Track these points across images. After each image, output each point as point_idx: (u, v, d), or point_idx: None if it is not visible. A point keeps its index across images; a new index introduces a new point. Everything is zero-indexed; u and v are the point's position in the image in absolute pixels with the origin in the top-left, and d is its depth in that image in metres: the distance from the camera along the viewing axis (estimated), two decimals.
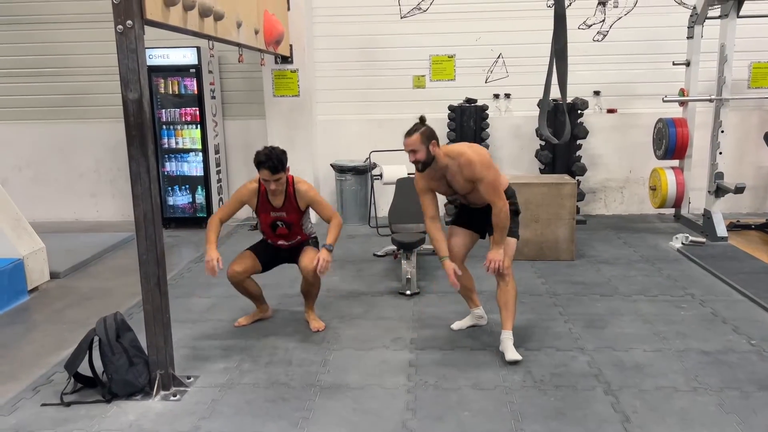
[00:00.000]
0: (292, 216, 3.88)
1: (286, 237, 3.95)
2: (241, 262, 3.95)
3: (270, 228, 3.93)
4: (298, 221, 3.91)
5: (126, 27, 2.88)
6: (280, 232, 3.92)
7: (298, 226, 3.93)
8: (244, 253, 4.02)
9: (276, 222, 3.89)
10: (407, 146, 3.42)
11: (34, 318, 4.44)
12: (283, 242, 3.97)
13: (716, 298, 4.41)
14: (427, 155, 3.39)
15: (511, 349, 3.50)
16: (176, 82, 6.70)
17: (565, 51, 2.74)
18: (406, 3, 6.93)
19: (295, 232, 3.94)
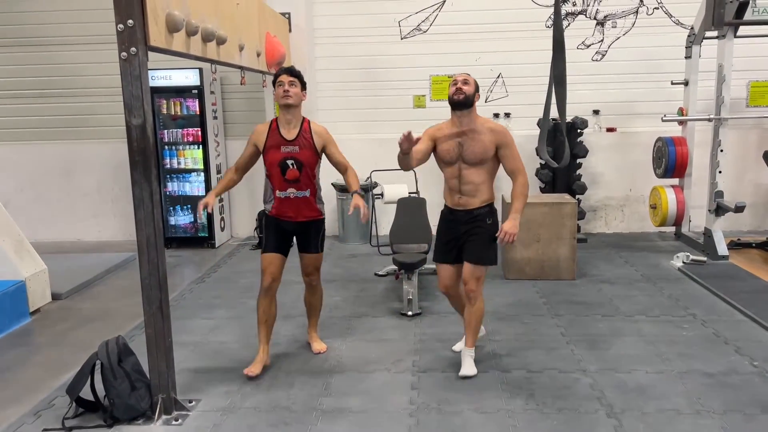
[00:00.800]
0: (305, 153, 3.60)
1: (297, 185, 3.62)
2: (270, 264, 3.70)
3: (279, 169, 3.60)
4: (310, 162, 3.63)
5: (130, 54, 2.92)
6: (290, 177, 3.60)
7: (310, 171, 3.65)
8: (265, 258, 3.72)
9: (286, 160, 3.58)
10: (462, 75, 3.43)
11: (36, 341, 4.43)
12: (292, 191, 3.62)
13: (718, 318, 4.41)
14: (472, 95, 3.42)
15: (467, 364, 3.61)
16: (179, 103, 6.75)
17: (563, 77, 2.77)
18: (407, 24, 7.00)
19: (306, 180, 3.64)
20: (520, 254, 5.41)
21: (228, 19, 4.39)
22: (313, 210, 3.78)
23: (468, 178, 3.51)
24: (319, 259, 3.94)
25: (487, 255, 3.56)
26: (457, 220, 3.59)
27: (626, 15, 6.90)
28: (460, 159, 3.50)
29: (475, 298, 3.57)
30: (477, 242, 3.53)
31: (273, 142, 3.63)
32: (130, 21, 2.88)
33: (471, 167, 3.48)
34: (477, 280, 3.53)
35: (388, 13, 6.93)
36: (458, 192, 3.55)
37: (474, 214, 3.55)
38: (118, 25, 2.89)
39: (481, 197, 3.54)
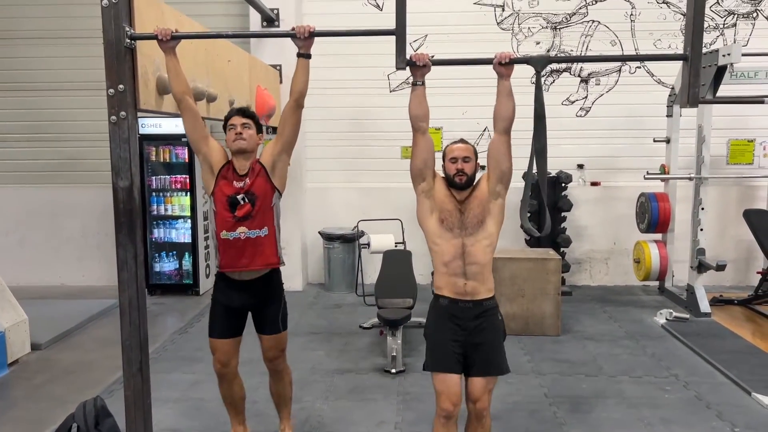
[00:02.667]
0: (257, 183, 3.17)
1: (249, 221, 3.14)
2: (218, 350, 3.29)
3: (228, 206, 3.14)
4: (265, 192, 3.19)
5: (120, 118, 2.95)
6: (240, 214, 3.13)
7: (265, 204, 3.19)
8: (212, 344, 3.31)
9: (236, 196, 3.14)
10: (462, 151, 2.97)
11: (14, 394, 4.36)
12: (243, 230, 3.13)
13: (700, 380, 4.42)
14: (473, 174, 2.98)
15: None
16: (168, 150, 6.79)
17: (544, 149, 2.83)
18: (395, 77, 7.14)
19: (260, 214, 3.16)
20: (505, 309, 5.41)
21: (219, 75, 4.46)
22: (273, 255, 3.22)
23: (474, 255, 2.91)
24: (284, 340, 3.37)
25: (505, 362, 2.99)
26: (463, 316, 2.91)
27: (609, 73, 7.08)
28: (462, 228, 2.94)
29: (486, 416, 2.99)
30: (493, 347, 2.94)
31: (225, 173, 3.21)
32: (120, 86, 2.93)
33: (476, 237, 2.92)
34: (490, 393, 2.97)
35: (378, 67, 7.05)
36: (463, 277, 2.91)
37: (484, 307, 2.92)
38: (108, 89, 2.93)
39: (488, 284, 2.96)
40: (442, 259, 2.94)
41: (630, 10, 6.96)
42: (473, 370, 2.92)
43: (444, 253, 2.93)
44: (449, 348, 2.90)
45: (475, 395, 2.91)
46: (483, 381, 2.90)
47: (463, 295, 2.90)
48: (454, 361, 2.90)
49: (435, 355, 2.96)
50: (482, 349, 2.90)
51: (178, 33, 3.05)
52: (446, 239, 2.93)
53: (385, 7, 7.06)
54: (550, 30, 7.05)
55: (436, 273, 3.00)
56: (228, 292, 3.29)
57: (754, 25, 6.94)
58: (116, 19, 2.90)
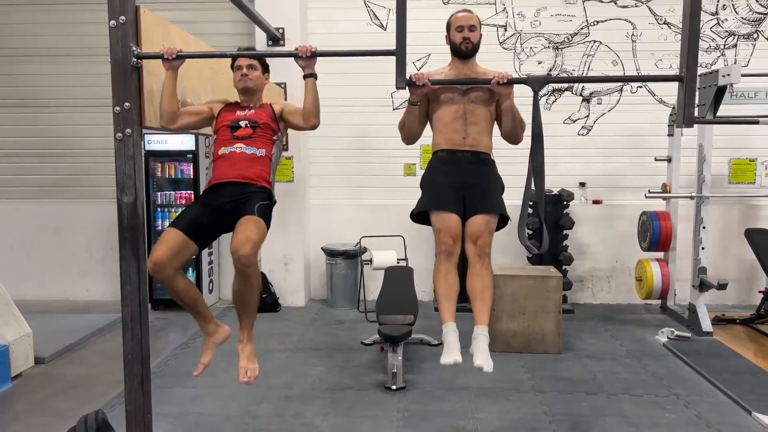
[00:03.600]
0: (260, 113, 3.24)
1: (247, 141, 3.14)
2: (164, 242, 3.04)
3: (228, 129, 3.18)
4: (267, 122, 3.23)
5: (125, 135, 3.02)
6: (240, 134, 3.15)
7: (265, 131, 3.21)
8: (165, 233, 3.09)
9: (238, 121, 3.19)
10: (468, 20, 3.09)
11: (16, 408, 4.38)
12: (240, 146, 3.12)
13: (701, 399, 4.41)
14: (478, 42, 3.13)
15: (484, 351, 3.00)
16: (173, 166, 6.87)
17: (542, 168, 2.88)
18: (398, 96, 7.21)
19: (259, 138, 3.17)
20: (506, 326, 5.43)
21: (224, 92, 4.52)
22: (263, 173, 3.15)
23: (475, 116, 3.06)
24: (256, 227, 3.00)
25: (504, 206, 3.08)
26: (460, 162, 3.04)
27: (611, 92, 7.14)
28: (465, 98, 3.10)
29: (487, 256, 3.07)
30: (491, 189, 3.08)
31: (228, 109, 3.31)
32: (126, 104, 3.00)
33: (477, 105, 3.07)
34: (490, 234, 3.07)
35: (381, 85, 7.12)
36: (463, 132, 3.07)
37: (482, 157, 3.11)
38: (114, 107, 3.00)
39: (486, 142, 3.10)
40: (443, 121, 3.06)
41: (631, 30, 7.04)
42: (472, 210, 3.00)
43: (444, 116, 3.07)
44: (447, 190, 3.00)
45: (475, 233, 2.98)
46: (482, 218, 2.99)
47: (462, 145, 3.04)
48: (453, 202, 3.00)
49: (433, 196, 3.07)
50: (480, 189, 3.02)
51: (183, 53, 3.12)
52: (447, 106, 3.08)
53: (389, 26, 7.16)
54: (552, 50, 7.13)
55: (435, 134, 3.14)
56: (212, 191, 3.19)
57: (755, 46, 7.00)
58: (123, 38, 2.97)
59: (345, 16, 7.17)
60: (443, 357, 3.01)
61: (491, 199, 3.04)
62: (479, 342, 3.04)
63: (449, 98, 3.09)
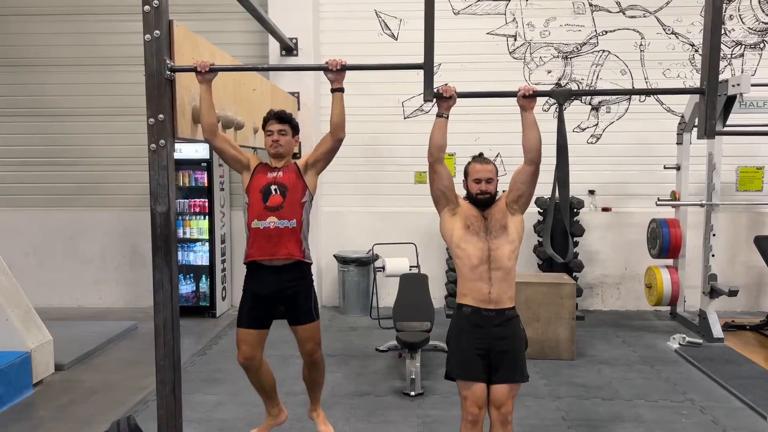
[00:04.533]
0: (289, 176, 3.40)
1: (279, 212, 3.33)
2: (245, 341, 3.46)
3: (261, 196, 3.35)
4: (295, 186, 3.39)
5: (159, 146, 3.09)
6: (271, 204, 3.33)
7: (295, 198, 3.37)
8: (240, 334, 3.48)
9: (270, 186, 3.36)
10: (486, 172, 3.11)
11: (40, 414, 4.43)
12: (273, 219, 3.32)
13: (716, 404, 4.47)
14: (495, 193, 3.14)
15: None
16: (187, 174, 6.94)
17: (567, 179, 2.95)
18: (410, 105, 7.31)
19: (290, 208, 3.35)
20: None
21: (245, 103, 4.61)
22: (297, 247, 3.37)
23: (500, 260, 2.99)
24: (317, 330, 3.53)
25: (526, 369, 3.07)
26: (486, 325, 2.99)
27: (620, 101, 7.23)
28: (487, 232, 3.05)
29: (510, 423, 3.04)
30: (516, 354, 3.02)
31: (261, 170, 3.48)
32: (161, 116, 3.07)
33: (500, 241, 3.01)
34: (513, 400, 3.05)
35: (392, 94, 7.24)
36: (488, 282, 2.99)
37: (506, 316, 3.01)
38: (149, 119, 3.07)
39: (510, 293, 3.03)
40: (469, 263, 3.00)
41: (639, 40, 7.13)
42: (497, 377, 2.99)
43: (471, 257, 3.00)
44: (474, 356, 2.98)
45: (500, 401, 2.98)
46: (507, 387, 2.98)
47: (486, 303, 2.98)
48: (479, 369, 2.98)
49: (460, 363, 3.04)
50: (506, 356, 2.98)
51: (216, 66, 3.20)
52: (472, 243, 3.03)
53: (400, 36, 7.25)
54: (561, 59, 7.22)
55: (461, 280, 3.08)
56: (258, 278, 3.44)
57: (761, 56, 7.09)
58: (158, 53, 3.05)
59: (357, 27, 7.27)
60: None
61: (516, 367, 3.01)
62: None
63: (475, 230, 3.04)
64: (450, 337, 3.14)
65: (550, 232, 3.12)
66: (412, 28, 7.10)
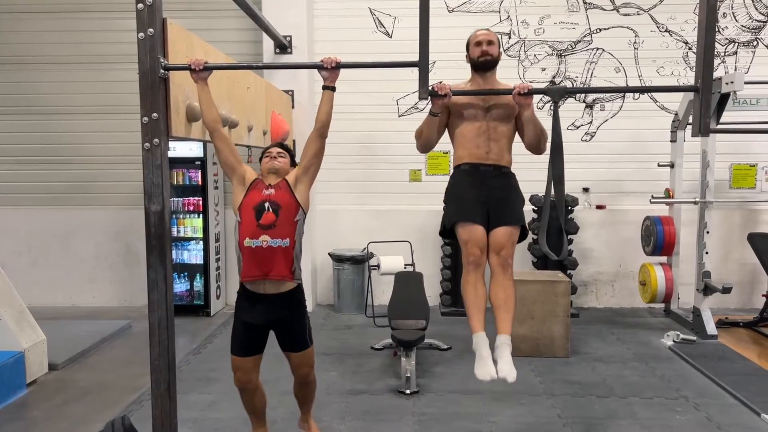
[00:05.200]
0: (281, 194, 3.33)
1: (272, 231, 3.26)
2: (240, 368, 3.44)
3: (254, 213, 3.29)
4: (288, 204, 3.32)
5: (153, 145, 3.07)
6: (264, 222, 3.26)
7: (288, 216, 3.31)
8: (235, 362, 3.46)
9: (263, 203, 3.30)
10: (486, 36, 3.23)
11: (33, 414, 4.41)
12: (266, 239, 3.24)
13: (710, 401, 4.49)
14: (497, 56, 3.25)
15: (508, 362, 3.10)
16: (181, 173, 6.91)
17: (562, 177, 2.96)
18: (404, 103, 7.30)
19: (283, 227, 3.28)
20: (516, 331, 5.44)
21: (239, 102, 4.60)
22: (288, 268, 3.30)
23: (497, 133, 3.18)
24: (311, 355, 3.52)
25: (523, 217, 3.21)
26: (484, 175, 3.18)
27: (613, 99, 7.24)
28: (487, 115, 3.20)
29: (510, 267, 3.17)
30: (514, 201, 3.20)
31: (255, 186, 3.41)
32: (154, 114, 3.06)
33: (499, 123, 3.18)
34: (513, 245, 3.18)
35: (387, 92, 7.23)
36: (486, 147, 3.19)
37: (503, 171, 3.23)
38: (143, 118, 3.06)
39: (507, 158, 3.22)
40: (466, 136, 3.20)
41: (633, 38, 7.15)
42: (495, 222, 3.13)
43: (467, 131, 3.21)
44: (473, 203, 3.13)
45: (499, 244, 3.10)
46: (506, 229, 3.11)
47: (485, 160, 3.17)
48: (478, 213, 3.12)
49: (460, 209, 3.17)
50: (503, 202, 3.14)
51: (210, 64, 3.19)
52: (470, 122, 3.21)
53: (394, 34, 7.23)
54: (555, 57, 7.23)
55: (458, 148, 3.26)
56: (250, 308, 3.38)
57: (755, 54, 7.12)
58: (152, 51, 3.03)
59: (351, 24, 7.25)
60: (478, 370, 3.10)
61: (514, 212, 3.15)
62: (503, 351, 3.12)
63: (472, 115, 3.19)
64: (448, 192, 3.30)
65: (545, 230, 3.12)
66: (406, 25, 7.10)
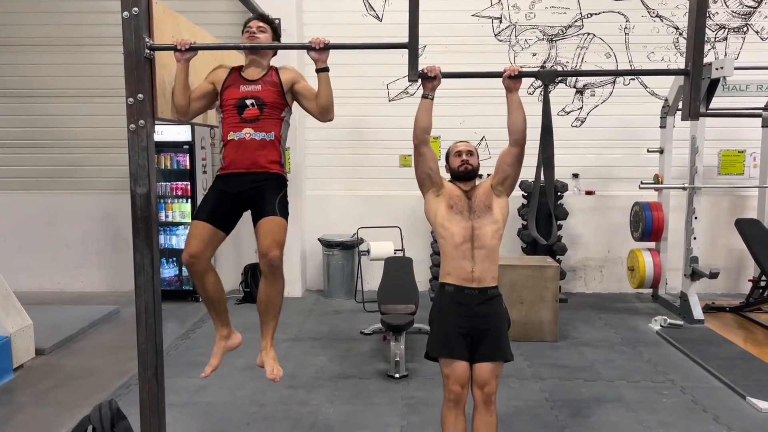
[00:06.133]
0: (267, 91, 3.09)
1: (255, 124, 3.05)
2: (197, 235, 3.10)
3: (235, 110, 3.08)
4: (275, 101, 3.10)
5: (138, 126, 3.01)
6: (247, 115, 3.05)
7: (274, 113, 3.10)
8: (194, 227, 3.13)
9: (245, 99, 3.07)
10: (466, 146, 3.22)
11: (20, 399, 4.38)
12: (249, 131, 3.04)
13: (696, 384, 4.54)
14: (477, 167, 3.21)
15: None
16: (169, 157, 6.85)
17: (551, 161, 2.94)
18: (395, 87, 7.26)
19: (267, 120, 3.07)
20: None
21: None
22: (275, 159, 3.10)
23: (483, 238, 3.00)
24: (280, 227, 3.06)
25: (510, 349, 3.05)
26: (468, 303, 2.98)
27: (604, 84, 7.24)
28: (471, 211, 3.06)
29: (493, 403, 3.04)
30: (499, 333, 3.02)
31: (232, 81, 3.15)
32: (140, 95, 2.99)
33: (483, 220, 3.03)
34: (497, 379, 3.03)
35: (377, 77, 7.18)
36: (471, 261, 2.99)
37: (489, 294, 3.01)
38: (128, 99, 3.00)
39: (493, 272, 3.04)
40: (452, 242, 3.01)
41: (624, 23, 7.13)
42: (480, 356, 2.98)
43: (454, 236, 3.01)
44: (456, 334, 2.97)
45: (483, 380, 2.97)
46: (490, 366, 2.97)
47: (469, 281, 2.98)
48: (461, 347, 2.97)
49: (441, 341, 3.02)
50: (488, 335, 2.98)
51: (196, 44, 3.13)
52: (455, 222, 3.04)
53: (384, 17, 7.17)
54: (546, 42, 7.20)
55: (444, 259, 3.08)
56: (228, 178, 3.15)
57: (745, 39, 7.12)
58: (137, 30, 2.96)
59: (341, 7, 7.18)
60: None
61: (499, 346, 3.01)
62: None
63: (459, 209, 3.06)
64: (432, 316, 3.14)
65: (534, 215, 3.11)
66: (396, 9, 7.04)
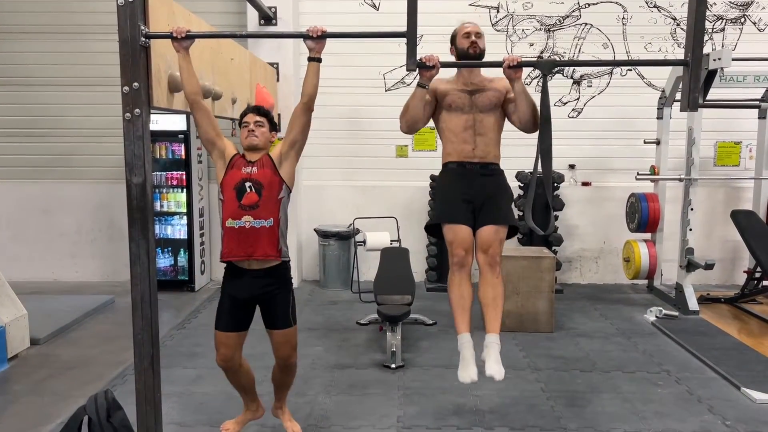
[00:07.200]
0: (264, 172, 3.22)
1: (254, 211, 3.17)
2: (223, 343, 3.34)
3: (236, 193, 3.20)
4: (271, 182, 3.22)
5: (134, 115, 2.99)
6: (246, 202, 3.18)
7: (271, 195, 3.22)
8: (218, 337, 3.35)
9: (244, 183, 3.20)
10: (473, 29, 3.25)
11: (15, 389, 4.36)
12: (248, 219, 3.17)
13: (691, 375, 4.55)
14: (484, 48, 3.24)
15: (496, 360, 3.11)
16: (164, 146, 6.81)
17: (550, 151, 2.94)
18: (391, 77, 7.22)
19: (267, 206, 3.20)
20: None
21: (223, 74, 4.51)
22: (274, 247, 3.22)
23: (485, 126, 3.15)
24: (293, 335, 3.39)
25: (513, 216, 3.17)
26: (471, 173, 3.14)
27: (601, 75, 7.22)
28: (473, 107, 3.18)
29: (498, 265, 3.16)
30: (501, 200, 3.16)
31: (236, 163, 3.29)
32: (135, 84, 2.97)
33: (486, 114, 3.15)
34: (500, 243, 3.15)
35: (374, 66, 7.14)
36: (472, 143, 3.15)
37: (491, 168, 3.19)
38: (123, 87, 2.97)
39: (495, 152, 3.18)
40: (453, 131, 3.16)
41: (622, 13, 7.10)
42: (482, 221, 3.10)
43: (454, 125, 3.17)
44: (458, 203, 3.10)
45: (486, 243, 3.07)
46: (493, 228, 3.09)
47: (472, 157, 3.14)
48: (464, 213, 3.10)
49: (446, 209, 3.15)
50: (490, 201, 3.11)
51: (193, 32, 3.10)
52: (456, 115, 3.18)
53: (381, 6, 7.13)
54: (543, 32, 7.17)
55: (445, 144, 3.22)
56: (235, 282, 3.30)
57: (742, 30, 7.11)
58: (132, 17, 2.93)
59: None
60: (460, 373, 3.19)
61: (501, 210, 3.11)
62: (491, 350, 3.13)
63: (458, 106, 3.15)
64: (436, 190, 3.34)
65: (531, 205, 3.11)
66: None
